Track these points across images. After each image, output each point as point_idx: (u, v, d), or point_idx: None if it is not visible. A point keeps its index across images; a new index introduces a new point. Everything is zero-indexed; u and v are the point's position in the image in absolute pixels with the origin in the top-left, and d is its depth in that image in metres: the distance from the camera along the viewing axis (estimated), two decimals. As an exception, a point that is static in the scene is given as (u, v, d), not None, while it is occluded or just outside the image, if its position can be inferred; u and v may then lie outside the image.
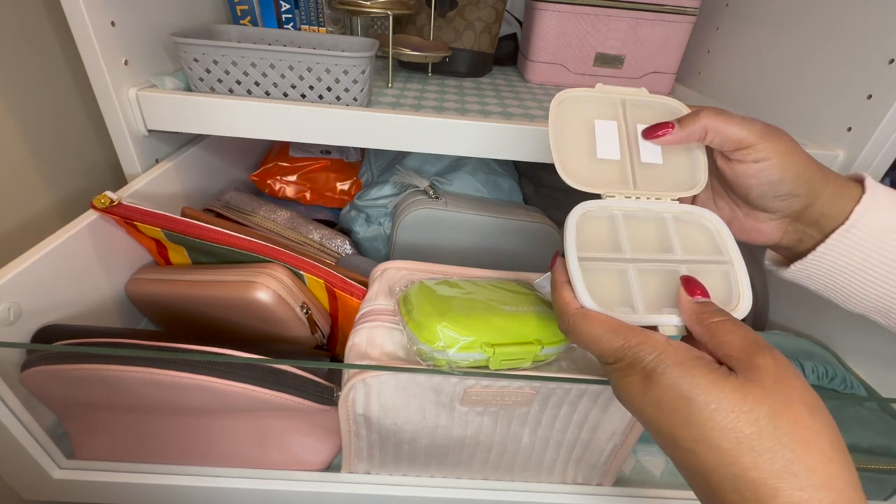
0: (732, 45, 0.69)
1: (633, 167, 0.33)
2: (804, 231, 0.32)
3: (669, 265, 0.30)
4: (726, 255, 0.31)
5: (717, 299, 0.27)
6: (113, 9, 0.44)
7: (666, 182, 0.33)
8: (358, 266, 0.58)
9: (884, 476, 0.43)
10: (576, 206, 0.31)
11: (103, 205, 0.41)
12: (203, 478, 0.40)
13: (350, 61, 0.46)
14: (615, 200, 0.32)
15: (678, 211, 0.32)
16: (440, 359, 0.33)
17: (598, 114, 0.34)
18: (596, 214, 0.32)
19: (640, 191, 0.32)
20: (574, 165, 0.32)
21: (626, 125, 0.34)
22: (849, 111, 0.48)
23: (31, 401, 0.37)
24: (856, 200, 0.30)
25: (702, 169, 0.33)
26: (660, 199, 0.32)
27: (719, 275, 0.30)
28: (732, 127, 0.30)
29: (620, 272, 0.30)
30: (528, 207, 0.68)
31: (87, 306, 0.43)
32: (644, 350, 0.24)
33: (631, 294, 0.29)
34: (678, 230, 0.32)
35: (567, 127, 0.33)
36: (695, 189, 0.33)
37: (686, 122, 0.31)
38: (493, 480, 0.43)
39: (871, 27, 0.47)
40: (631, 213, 0.32)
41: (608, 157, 0.33)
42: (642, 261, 0.30)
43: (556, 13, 0.66)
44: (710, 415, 0.21)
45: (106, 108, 0.46)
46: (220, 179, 0.66)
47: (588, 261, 0.29)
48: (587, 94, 0.34)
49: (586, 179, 0.32)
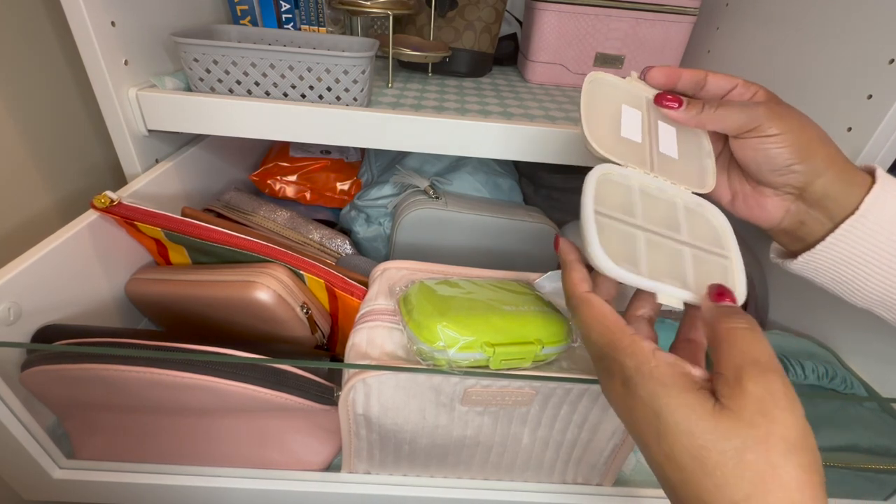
0: (732, 45, 0.69)
1: (653, 153, 0.34)
2: (807, 213, 0.32)
3: (676, 244, 0.30)
4: (727, 251, 0.31)
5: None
6: (113, 9, 0.44)
7: (680, 175, 0.34)
8: (358, 266, 0.58)
9: (884, 476, 0.43)
10: (598, 166, 0.32)
11: (103, 205, 0.41)
12: (203, 478, 0.40)
13: (350, 61, 0.46)
14: (635, 172, 0.32)
15: (689, 200, 0.33)
16: (440, 358, 0.33)
17: (625, 100, 0.35)
18: (615, 179, 0.32)
19: (656, 173, 0.33)
20: (598, 132, 0.33)
21: (649, 118, 0.35)
22: (849, 111, 0.48)
23: (31, 401, 0.37)
24: (865, 188, 0.30)
25: (710, 173, 0.34)
26: (675, 185, 0.33)
27: (718, 266, 0.30)
28: (733, 115, 0.31)
29: (630, 235, 0.30)
30: (528, 207, 0.68)
31: (87, 306, 0.43)
32: (626, 356, 0.24)
33: (637, 257, 0.28)
34: (687, 216, 0.32)
35: (596, 103, 0.34)
36: (703, 189, 0.34)
37: (691, 107, 0.32)
38: (493, 480, 0.43)
39: (871, 27, 0.47)
40: (646, 188, 0.32)
41: (631, 137, 0.33)
42: (652, 231, 0.30)
43: (556, 13, 0.66)
44: (677, 436, 0.21)
45: (106, 108, 0.46)
46: (220, 179, 0.66)
47: (602, 216, 0.29)
48: (618, 81, 0.35)
49: (609, 149, 0.32)
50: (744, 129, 0.31)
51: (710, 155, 0.35)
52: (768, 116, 0.30)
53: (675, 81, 0.35)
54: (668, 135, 0.35)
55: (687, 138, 0.35)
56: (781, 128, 0.30)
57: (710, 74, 0.33)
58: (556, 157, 0.50)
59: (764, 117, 0.30)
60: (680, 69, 0.35)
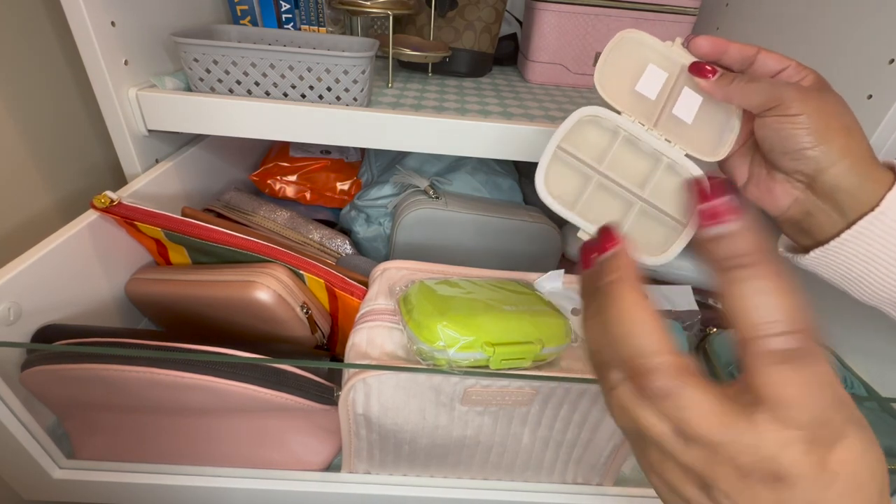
0: (732, 45, 0.69)
1: (662, 111, 0.33)
2: (815, 204, 0.31)
3: (629, 195, 0.32)
4: (685, 219, 0.31)
5: (643, 243, 0.30)
6: (113, 9, 0.44)
7: (685, 139, 0.33)
8: (358, 266, 0.58)
9: (884, 476, 0.43)
10: (587, 106, 0.32)
11: (103, 205, 0.41)
12: (203, 478, 0.40)
13: (350, 61, 0.46)
14: (629, 121, 0.32)
15: (677, 159, 0.32)
16: (440, 358, 0.33)
17: (656, 61, 0.34)
18: (602, 123, 0.32)
19: (658, 130, 0.33)
20: (609, 81, 0.33)
21: (675, 82, 0.34)
22: (849, 111, 0.48)
23: (31, 401, 0.37)
24: (882, 185, 0.29)
25: (726, 144, 0.33)
26: (670, 142, 0.33)
27: (665, 228, 0.31)
28: (757, 91, 0.30)
29: (584, 176, 0.32)
30: (528, 207, 0.68)
31: (87, 306, 0.43)
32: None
33: (578, 196, 0.31)
34: (662, 176, 0.32)
35: (620, 56, 0.34)
36: (705, 157, 0.33)
37: (723, 78, 0.32)
38: (493, 480, 0.43)
39: (871, 27, 0.47)
40: (634, 139, 0.32)
41: (644, 93, 0.33)
42: (608, 178, 0.32)
43: (556, 13, 0.66)
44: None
45: (106, 108, 0.46)
46: (220, 179, 0.66)
47: (563, 152, 0.32)
48: (656, 44, 0.34)
49: (614, 95, 0.32)
50: (765, 107, 0.30)
51: (733, 131, 0.33)
52: (792, 97, 0.29)
53: (720, 53, 0.33)
54: (691, 102, 0.34)
55: (712, 111, 0.34)
56: (802, 109, 0.29)
57: (763, 52, 0.32)
58: (556, 157, 0.50)
59: (787, 97, 0.29)
60: (728, 41, 0.33)
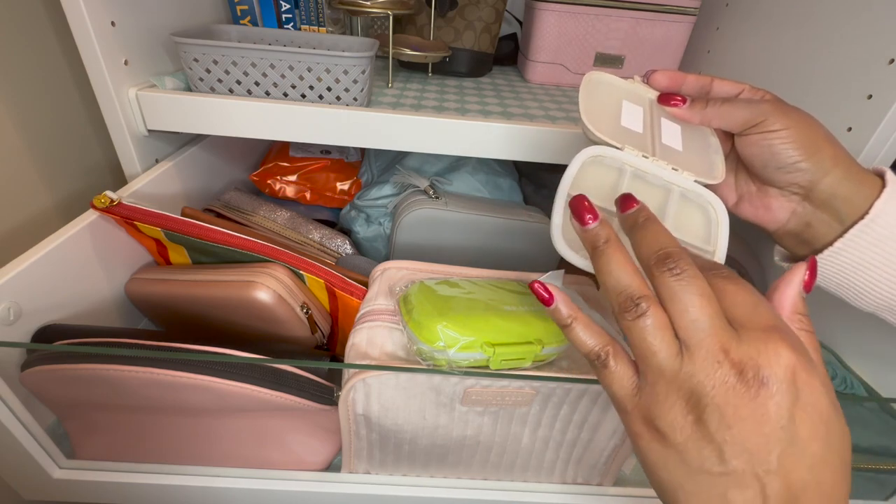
0: (732, 45, 0.69)
1: (655, 142, 0.33)
2: (814, 214, 0.31)
3: None
4: (712, 245, 0.30)
5: None
6: (113, 9, 0.44)
7: (685, 164, 0.32)
8: (358, 266, 0.58)
9: (884, 476, 0.43)
10: (588, 147, 0.31)
11: (103, 205, 0.41)
12: (203, 478, 0.40)
13: (350, 61, 0.46)
14: (632, 155, 0.31)
15: (689, 188, 0.31)
16: (440, 358, 0.33)
17: (627, 98, 0.34)
18: (606, 162, 0.31)
19: (659, 159, 0.32)
20: (598, 120, 0.32)
21: (651, 115, 0.34)
22: (849, 111, 0.48)
23: (31, 401, 0.37)
24: (874, 191, 0.29)
25: (719, 166, 0.33)
26: (676, 170, 0.31)
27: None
28: (737, 110, 0.31)
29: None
30: (528, 207, 0.68)
31: (87, 306, 0.43)
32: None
33: None
34: (678, 206, 0.31)
35: (595, 98, 0.33)
36: (712, 179, 0.32)
37: (696, 104, 0.32)
38: (493, 480, 0.43)
39: (871, 27, 0.47)
40: (642, 173, 0.31)
41: (631, 127, 0.33)
42: None
43: (556, 13, 0.66)
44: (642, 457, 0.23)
45: (106, 108, 0.46)
46: (220, 179, 0.66)
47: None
48: (618, 81, 0.35)
49: (608, 133, 0.31)
50: (749, 125, 0.31)
51: (719, 151, 0.34)
52: (773, 112, 0.30)
53: (678, 85, 0.34)
54: (672, 131, 0.34)
55: (692, 136, 0.34)
56: (786, 123, 0.30)
57: (716, 80, 0.33)
58: (556, 157, 0.50)
59: (769, 112, 0.30)
60: (684, 73, 0.34)
